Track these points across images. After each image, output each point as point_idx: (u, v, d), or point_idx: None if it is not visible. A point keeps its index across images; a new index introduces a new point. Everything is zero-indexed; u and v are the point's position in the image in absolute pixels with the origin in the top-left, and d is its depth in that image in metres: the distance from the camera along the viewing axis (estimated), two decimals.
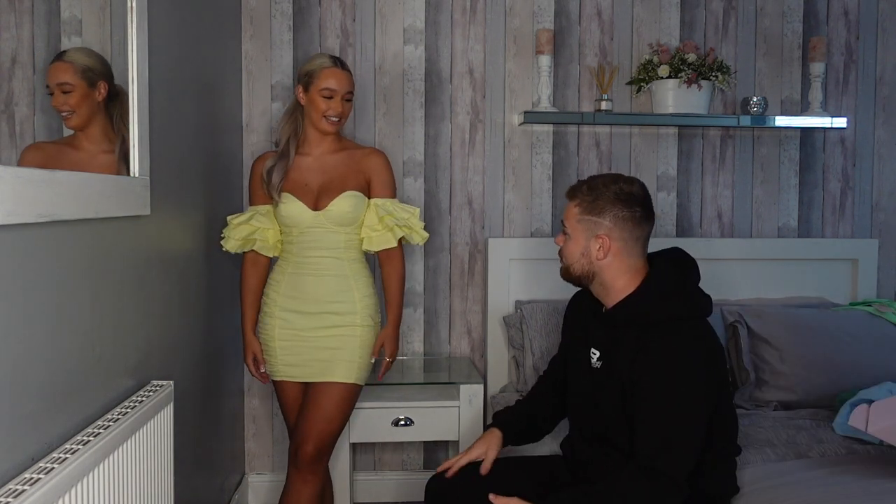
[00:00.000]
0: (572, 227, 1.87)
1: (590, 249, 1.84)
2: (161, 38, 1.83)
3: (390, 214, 2.31)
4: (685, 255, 1.92)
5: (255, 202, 2.38)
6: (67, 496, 1.18)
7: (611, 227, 1.82)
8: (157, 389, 1.66)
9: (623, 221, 1.82)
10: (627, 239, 1.83)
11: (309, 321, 2.28)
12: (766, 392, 2.61)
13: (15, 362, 1.17)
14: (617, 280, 1.84)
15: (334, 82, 2.25)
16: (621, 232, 1.82)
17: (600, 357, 1.87)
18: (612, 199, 1.82)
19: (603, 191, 1.83)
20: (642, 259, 1.87)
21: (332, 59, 2.29)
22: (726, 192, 3.06)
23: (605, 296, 1.88)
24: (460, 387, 2.63)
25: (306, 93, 2.27)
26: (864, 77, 3.09)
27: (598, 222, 1.83)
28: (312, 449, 2.23)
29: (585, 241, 1.84)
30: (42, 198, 1.20)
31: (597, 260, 1.83)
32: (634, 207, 1.82)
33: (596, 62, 2.97)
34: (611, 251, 1.82)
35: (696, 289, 1.87)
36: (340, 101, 2.26)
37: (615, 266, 1.84)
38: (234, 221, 2.37)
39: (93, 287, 1.46)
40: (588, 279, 1.88)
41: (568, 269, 1.91)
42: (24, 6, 1.30)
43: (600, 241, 1.82)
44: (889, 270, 3.13)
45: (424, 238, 2.39)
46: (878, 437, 2.01)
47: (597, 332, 1.90)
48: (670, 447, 1.70)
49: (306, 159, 2.32)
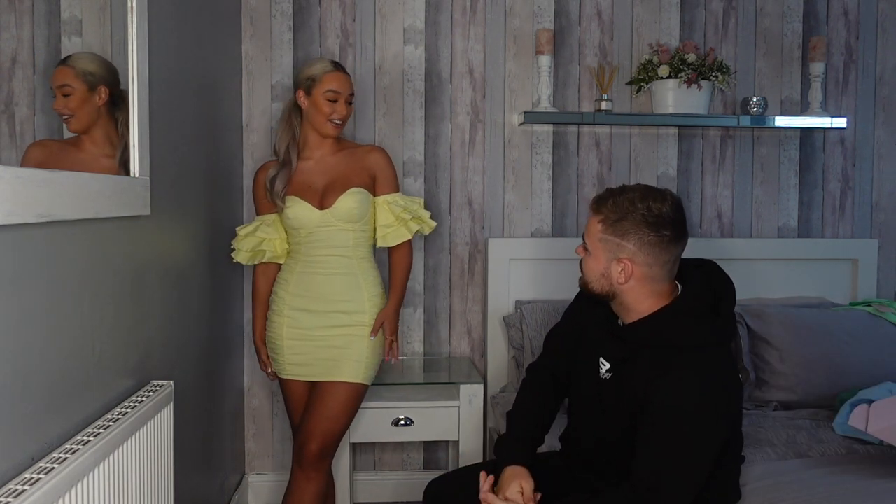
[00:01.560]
0: (593, 245, 1.73)
1: (610, 272, 1.70)
2: (161, 39, 1.83)
3: (404, 209, 2.35)
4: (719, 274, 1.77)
5: (261, 211, 2.41)
6: (67, 496, 1.18)
7: (635, 251, 1.67)
8: (157, 389, 1.66)
9: (649, 246, 1.66)
10: (653, 265, 1.68)
11: (317, 320, 2.29)
12: (766, 392, 2.61)
13: (15, 362, 1.17)
14: (639, 304, 1.72)
15: (338, 84, 2.27)
16: (646, 257, 1.67)
17: (610, 370, 1.78)
18: (638, 221, 1.66)
19: (630, 209, 1.67)
20: (668, 282, 1.73)
21: (333, 63, 2.32)
22: (726, 192, 3.06)
23: (625, 314, 1.76)
24: (460, 387, 2.63)
25: (309, 96, 2.28)
26: (864, 77, 3.09)
27: (621, 245, 1.68)
28: (317, 447, 2.24)
29: (606, 263, 1.70)
30: (42, 198, 1.20)
31: (618, 284, 1.70)
32: (663, 231, 1.66)
33: (596, 62, 2.97)
34: (633, 276, 1.68)
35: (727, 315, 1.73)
36: (344, 103, 2.28)
37: (637, 290, 1.70)
38: (242, 233, 2.40)
39: (93, 287, 1.46)
40: (608, 298, 1.75)
41: (587, 285, 1.78)
42: (24, 6, 1.29)
43: (622, 265, 1.68)
44: (889, 270, 3.13)
45: (432, 227, 2.44)
46: (878, 437, 2.01)
47: (609, 342, 1.79)
48: (670, 479, 1.61)
49: (308, 163, 2.34)
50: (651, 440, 1.64)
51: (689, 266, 1.79)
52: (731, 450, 1.80)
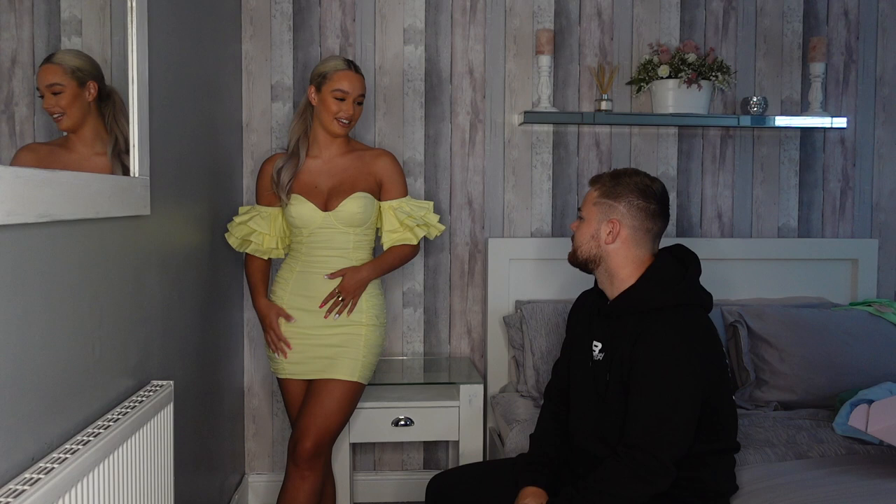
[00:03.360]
0: (588, 210, 1.91)
1: (600, 232, 1.88)
2: (161, 38, 1.83)
3: (410, 216, 2.36)
4: (686, 250, 1.94)
5: (261, 202, 2.40)
6: (67, 496, 1.18)
7: (624, 212, 1.86)
8: (157, 389, 1.66)
9: (637, 210, 1.86)
10: (638, 228, 1.87)
11: (315, 319, 2.30)
12: (766, 392, 2.61)
13: (15, 362, 1.17)
14: (621, 269, 1.88)
15: (347, 84, 2.27)
16: (633, 220, 1.86)
17: (602, 349, 1.89)
18: (631, 188, 1.87)
19: (625, 179, 1.89)
20: (649, 253, 1.90)
21: (347, 61, 2.31)
22: (726, 192, 3.06)
23: (609, 285, 1.91)
24: (460, 387, 2.63)
25: (318, 93, 2.29)
26: (864, 77, 3.09)
27: (613, 206, 1.87)
28: (311, 445, 2.24)
29: (597, 224, 1.88)
30: (42, 198, 1.20)
31: (605, 244, 1.87)
32: (651, 200, 1.87)
33: (596, 62, 2.97)
34: (619, 236, 1.86)
35: (696, 281, 1.90)
36: (352, 103, 2.28)
37: (621, 253, 1.87)
38: (237, 219, 2.41)
39: (93, 287, 1.46)
40: (594, 263, 1.91)
41: (575, 252, 1.94)
42: (24, 6, 1.29)
43: (611, 224, 1.86)
44: (889, 270, 3.13)
45: (441, 230, 2.46)
46: (878, 437, 2.01)
47: (599, 325, 1.92)
48: (658, 428, 1.72)
49: (316, 162, 2.34)
50: (638, 395, 1.76)
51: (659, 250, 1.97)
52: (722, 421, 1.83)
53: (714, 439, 1.81)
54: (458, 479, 2.02)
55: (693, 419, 1.75)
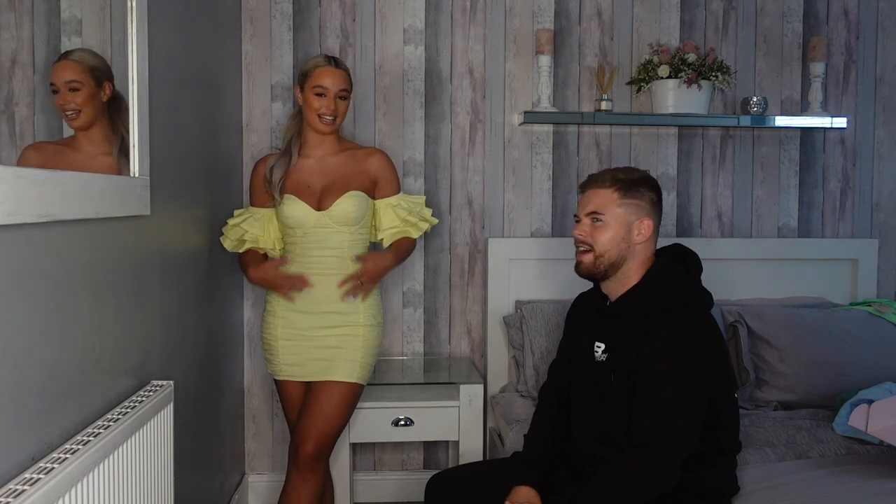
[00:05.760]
0: (612, 214, 1.84)
1: (631, 233, 1.83)
2: (161, 38, 1.83)
3: (409, 212, 2.38)
4: (686, 249, 1.94)
5: (255, 203, 2.40)
6: (67, 496, 1.18)
7: (649, 209, 1.85)
8: (157, 389, 1.66)
9: (654, 206, 1.86)
10: (657, 225, 1.87)
11: (311, 320, 2.29)
12: (766, 392, 2.61)
13: (15, 362, 1.17)
14: (633, 269, 1.86)
15: (326, 80, 2.26)
16: (654, 217, 1.86)
17: (605, 349, 1.87)
18: (646, 183, 1.86)
19: (634, 174, 1.86)
20: (653, 251, 1.90)
21: (327, 58, 2.31)
22: (726, 192, 3.06)
23: (616, 287, 1.88)
24: (460, 387, 2.63)
25: (302, 92, 2.29)
26: (864, 77, 3.09)
27: (640, 205, 1.84)
28: (312, 448, 2.23)
29: (626, 225, 1.84)
30: (42, 198, 1.20)
31: (635, 244, 1.84)
32: (658, 194, 1.88)
33: (596, 62, 2.97)
34: (648, 234, 1.84)
35: (698, 280, 1.89)
36: (333, 99, 2.27)
37: (643, 252, 1.86)
38: (231, 222, 2.40)
39: (93, 287, 1.46)
40: (615, 268, 1.85)
41: (599, 258, 1.84)
42: (24, 6, 1.29)
43: (641, 223, 1.83)
44: (889, 270, 3.13)
45: (434, 223, 2.48)
46: (878, 437, 2.01)
47: (602, 325, 1.90)
48: (665, 427, 1.71)
49: (308, 161, 2.34)
50: (644, 395, 1.74)
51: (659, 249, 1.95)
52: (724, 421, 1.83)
53: (716, 439, 1.81)
54: (458, 478, 2.02)
55: (700, 419, 1.74)
